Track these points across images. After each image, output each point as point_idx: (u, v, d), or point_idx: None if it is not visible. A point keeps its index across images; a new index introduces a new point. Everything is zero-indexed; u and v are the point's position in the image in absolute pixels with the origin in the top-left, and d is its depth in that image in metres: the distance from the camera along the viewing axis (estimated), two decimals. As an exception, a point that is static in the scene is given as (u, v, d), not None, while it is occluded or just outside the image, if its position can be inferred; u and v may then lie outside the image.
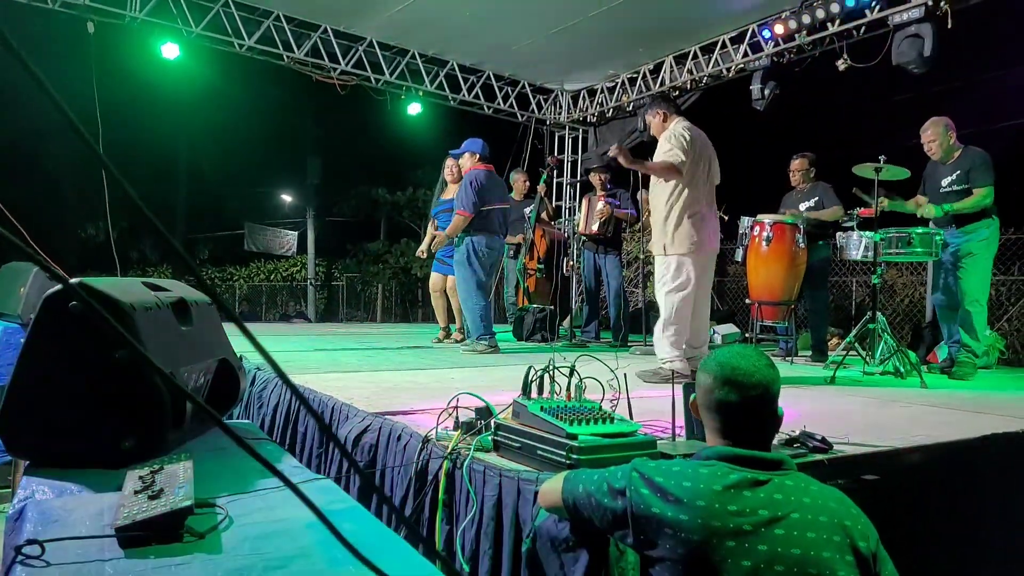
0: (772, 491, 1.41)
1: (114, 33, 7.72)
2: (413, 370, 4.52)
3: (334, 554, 1.38)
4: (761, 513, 1.37)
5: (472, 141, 5.67)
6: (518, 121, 10.18)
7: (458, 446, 2.26)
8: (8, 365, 5.75)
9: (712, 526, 1.37)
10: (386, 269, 18.75)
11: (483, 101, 9.65)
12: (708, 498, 1.39)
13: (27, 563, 1.22)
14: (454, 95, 9.38)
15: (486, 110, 9.76)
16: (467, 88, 9.42)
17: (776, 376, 1.56)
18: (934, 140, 4.90)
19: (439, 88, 9.25)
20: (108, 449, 1.83)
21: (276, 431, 3.53)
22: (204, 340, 2.39)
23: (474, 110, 9.72)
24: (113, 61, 9.41)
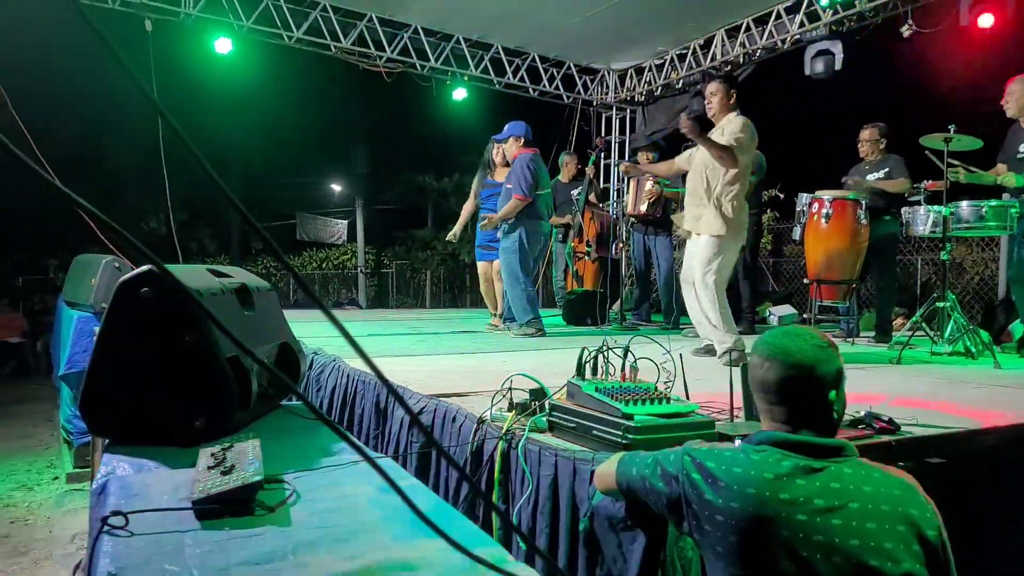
0: (828, 479, 1.36)
1: (170, 30, 7.93)
2: (464, 354, 4.57)
3: (397, 529, 1.42)
4: (816, 502, 1.33)
5: (515, 124, 5.63)
6: (564, 103, 10.10)
7: (513, 427, 2.28)
8: (84, 352, 6.04)
9: (763, 515, 1.34)
10: (434, 255, 18.89)
11: (528, 84, 9.60)
12: (759, 486, 1.36)
13: (113, 533, 1.29)
14: (499, 79, 9.36)
15: (531, 93, 9.71)
16: (512, 71, 9.39)
17: (827, 357, 1.48)
18: (1012, 95, 4.62)
19: (484, 72, 9.24)
20: (181, 428, 1.91)
21: (334, 413, 3.62)
22: (266, 324, 2.47)
23: (519, 93, 9.69)
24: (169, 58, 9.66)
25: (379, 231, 20.65)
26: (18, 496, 5.98)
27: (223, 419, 1.94)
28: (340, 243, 21.10)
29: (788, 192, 9.58)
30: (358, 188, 19.96)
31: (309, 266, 20.89)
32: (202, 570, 1.18)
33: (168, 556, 1.23)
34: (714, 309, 3.95)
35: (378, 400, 3.20)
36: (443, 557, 1.28)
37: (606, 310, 6.50)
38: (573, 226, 6.80)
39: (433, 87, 9.04)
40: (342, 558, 1.26)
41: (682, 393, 2.25)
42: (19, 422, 8.58)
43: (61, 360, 6.68)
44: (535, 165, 5.38)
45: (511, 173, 5.42)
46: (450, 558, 1.28)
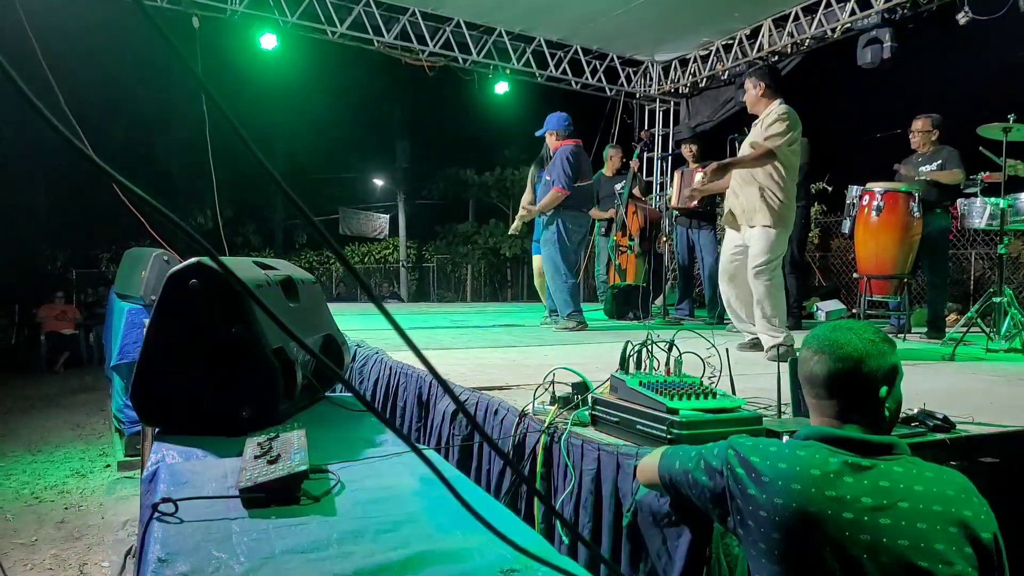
0: (877, 477, 1.33)
1: (216, 27, 8.08)
2: (505, 347, 4.57)
3: (440, 519, 1.42)
4: (864, 500, 1.30)
5: (552, 118, 5.59)
6: (607, 96, 10.02)
7: (555, 420, 2.26)
8: (134, 343, 6.20)
9: (809, 512, 1.30)
10: (475, 250, 18.96)
11: (571, 76, 9.54)
12: (804, 482, 1.33)
13: (163, 519, 1.32)
14: (541, 71, 9.33)
15: (574, 85, 9.65)
16: (554, 64, 9.34)
17: (878, 352, 1.43)
18: None
19: (526, 65, 9.21)
20: (228, 418, 1.94)
21: (376, 405, 3.65)
22: (310, 316, 2.50)
23: (561, 86, 9.64)
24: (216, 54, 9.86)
25: (421, 225, 20.82)
26: (72, 483, 6.17)
27: (269, 409, 1.96)
28: (382, 237, 21.31)
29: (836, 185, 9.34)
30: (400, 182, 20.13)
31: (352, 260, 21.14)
32: (249, 557, 1.20)
33: (216, 543, 1.25)
34: (770, 301, 3.89)
35: (420, 392, 3.22)
36: (488, 548, 1.28)
37: (649, 304, 6.43)
38: (616, 220, 6.74)
39: (475, 81, 9.06)
40: (387, 548, 1.26)
41: (728, 388, 2.21)
42: (73, 411, 8.87)
43: (113, 351, 6.88)
44: (575, 157, 5.34)
45: (551, 165, 5.40)
46: (495, 549, 1.28)
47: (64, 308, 13.11)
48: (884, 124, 6.56)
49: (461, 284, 19.09)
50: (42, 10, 7.25)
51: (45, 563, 4.59)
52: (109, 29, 9.96)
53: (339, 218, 20.90)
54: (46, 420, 8.40)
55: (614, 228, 6.80)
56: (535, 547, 1.24)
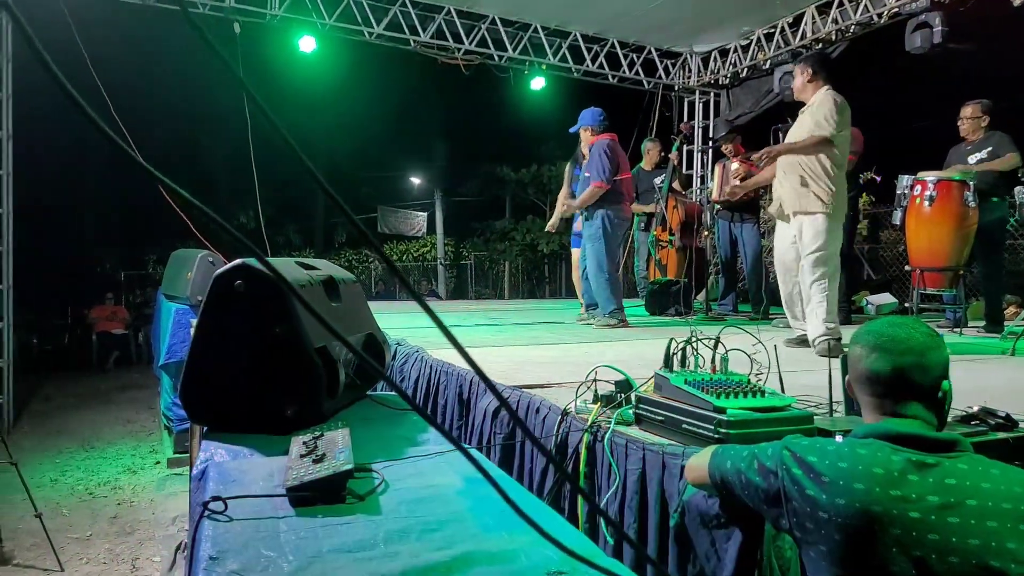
0: (942, 475, 1.29)
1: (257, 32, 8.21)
2: (545, 345, 4.55)
3: (485, 519, 1.41)
4: (930, 499, 1.26)
5: (586, 113, 5.53)
6: (644, 89, 9.91)
7: (598, 419, 2.24)
8: (181, 343, 6.33)
9: (873, 512, 1.27)
10: (513, 246, 18.96)
11: (607, 70, 9.47)
12: (867, 481, 1.29)
13: (213, 517, 1.33)
14: (577, 66, 9.27)
15: (611, 79, 9.57)
16: (591, 58, 9.28)
17: (936, 345, 1.42)
18: None
19: (562, 60, 9.17)
20: (273, 416, 1.96)
21: (417, 403, 3.65)
22: (352, 315, 2.51)
23: (598, 80, 9.57)
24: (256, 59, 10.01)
25: (458, 223, 20.90)
26: (124, 479, 6.34)
27: (313, 408, 1.98)
28: (420, 235, 21.45)
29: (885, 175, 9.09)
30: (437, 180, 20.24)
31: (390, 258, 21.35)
32: (297, 556, 1.20)
33: (265, 541, 1.26)
34: (820, 292, 3.81)
35: (461, 391, 3.21)
36: (535, 549, 1.27)
37: (691, 300, 6.35)
38: (656, 214, 6.66)
39: (511, 77, 9.05)
40: (433, 548, 1.26)
41: (777, 386, 2.16)
42: (124, 409, 9.12)
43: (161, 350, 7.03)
44: (611, 151, 5.29)
45: (589, 160, 5.35)
46: (542, 550, 1.26)
47: (114, 309, 13.48)
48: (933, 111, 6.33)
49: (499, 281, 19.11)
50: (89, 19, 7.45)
51: (99, 557, 4.72)
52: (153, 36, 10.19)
53: (377, 217, 21.09)
54: (99, 417, 8.65)
55: (654, 223, 6.72)
56: (581, 548, 1.22)
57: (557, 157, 17.04)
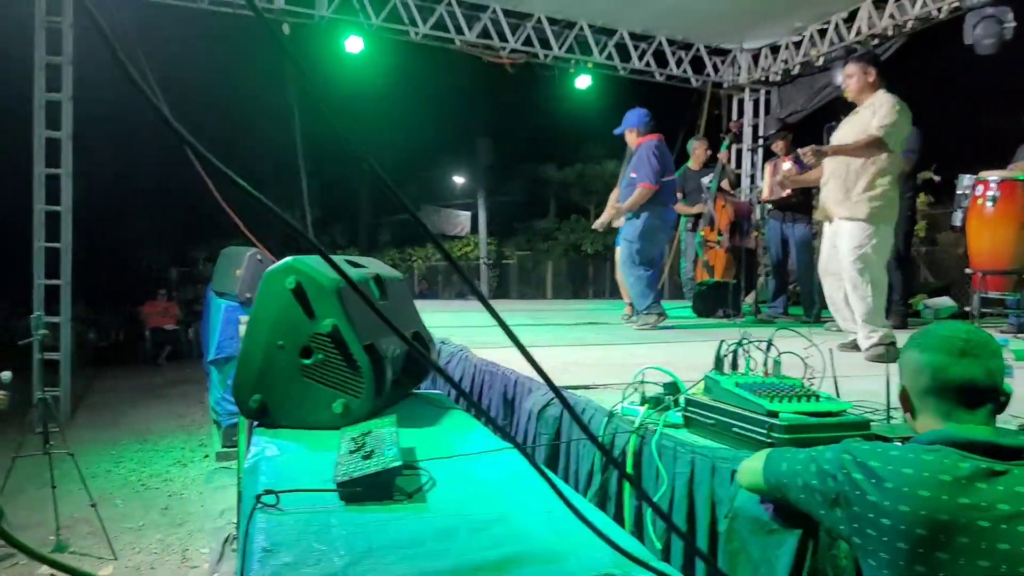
0: (1012, 483, 1.24)
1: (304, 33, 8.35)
2: (590, 346, 4.51)
3: (533, 519, 1.40)
4: (1001, 508, 1.22)
5: (631, 115, 5.47)
6: (692, 87, 9.79)
7: (646, 421, 2.20)
8: (231, 339, 6.45)
9: (939, 520, 1.23)
10: (556, 246, 18.90)
11: (654, 68, 9.38)
12: (934, 488, 1.25)
13: (266, 510, 1.35)
14: (624, 64, 9.20)
15: (658, 77, 9.48)
16: (637, 56, 9.20)
17: (996, 351, 1.40)
18: None
19: (608, 59, 9.11)
20: (321, 412, 1.98)
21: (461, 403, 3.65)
22: (398, 313, 2.52)
23: (644, 78, 9.48)
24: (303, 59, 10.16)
25: (501, 222, 20.91)
26: (175, 472, 6.50)
27: (360, 405, 1.99)
28: (463, 235, 21.54)
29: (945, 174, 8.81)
30: (480, 180, 20.28)
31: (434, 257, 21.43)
32: (348, 550, 1.21)
33: (316, 535, 1.27)
34: (862, 299, 3.71)
35: (506, 390, 3.21)
36: (585, 551, 1.25)
37: (739, 302, 6.23)
38: (704, 214, 6.55)
39: (556, 76, 9.02)
40: (482, 546, 1.25)
41: (831, 391, 2.10)
42: (175, 403, 9.36)
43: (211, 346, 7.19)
44: (659, 151, 5.23)
45: (635, 162, 5.29)
46: (592, 552, 1.25)
47: (166, 305, 13.85)
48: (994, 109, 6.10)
49: (542, 281, 19.08)
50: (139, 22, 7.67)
51: (151, 547, 4.84)
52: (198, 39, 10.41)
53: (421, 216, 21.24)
54: (151, 411, 8.89)
55: (701, 223, 6.61)
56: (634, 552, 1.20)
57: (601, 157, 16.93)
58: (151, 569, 4.51)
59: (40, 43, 7.56)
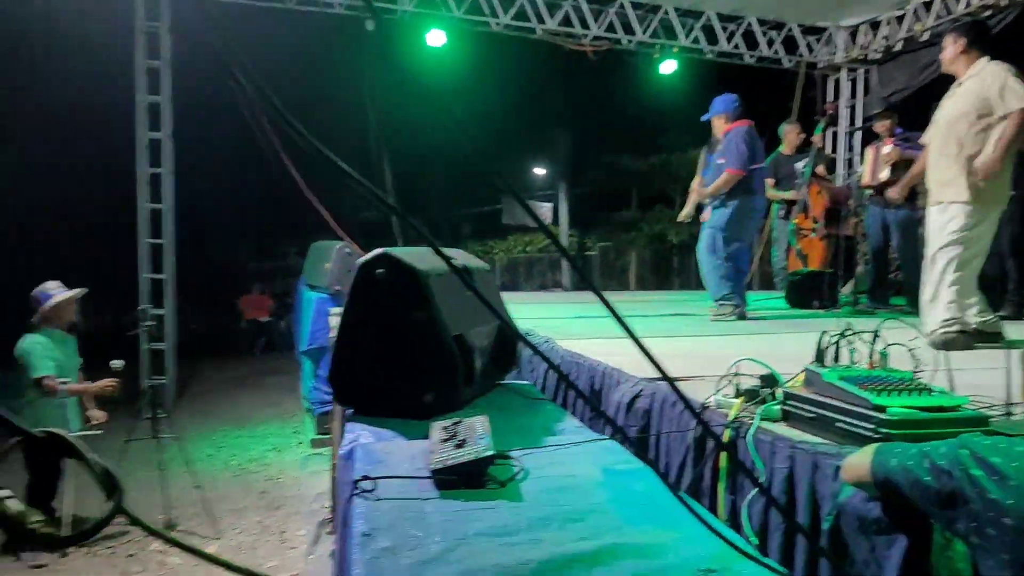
0: None
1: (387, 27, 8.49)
2: (677, 337, 4.42)
3: (628, 512, 1.37)
4: None
5: (719, 101, 5.29)
6: (784, 67, 9.41)
7: (740, 415, 2.13)
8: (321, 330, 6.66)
9: None
10: (640, 237, 18.61)
11: (744, 50, 9.07)
12: None
13: (363, 496, 1.38)
14: (711, 47, 8.94)
15: (747, 59, 9.16)
16: (726, 38, 8.92)
17: None
18: None
19: (694, 42, 8.86)
20: (413, 402, 2.01)
21: (547, 395, 3.65)
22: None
23: (733, 61, 9.19)
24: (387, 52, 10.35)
25: (582, 213, 20.76)
26: (271, 457, 6.78)
27: (450, 395, 2.01)
28: (545, 226, 21.50)
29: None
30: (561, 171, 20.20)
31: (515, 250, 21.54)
32: (444, 537, 1.22)
33: (412, 521, 1.29)
34: (943, 283, 3.49)
35: (592, 382, 3.17)
36: (683, 545, 1.22)
37: (836, 292, 5.95)
38: (798, 201, 6.29)
39: (639, 62, 8.86)
40: (576, 537, 1.24)
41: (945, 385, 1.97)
42: (271, 392, 9.77)
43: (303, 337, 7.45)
44: (750, 138, 5.05)
45: (724, 147, 5.13)
46: (690, 546, 1.22)
47: (261, 298, 14.46)
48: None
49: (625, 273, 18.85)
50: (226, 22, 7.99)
51: (251, 528, 5.07)
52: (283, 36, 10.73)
53: (502, 208, 21.34)
54: (249, 399, 9.31)
55: (795, 210, 6.35)
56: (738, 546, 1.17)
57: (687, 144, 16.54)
58: (252, 549, 4.72)
59: (140, 48, 7.98)
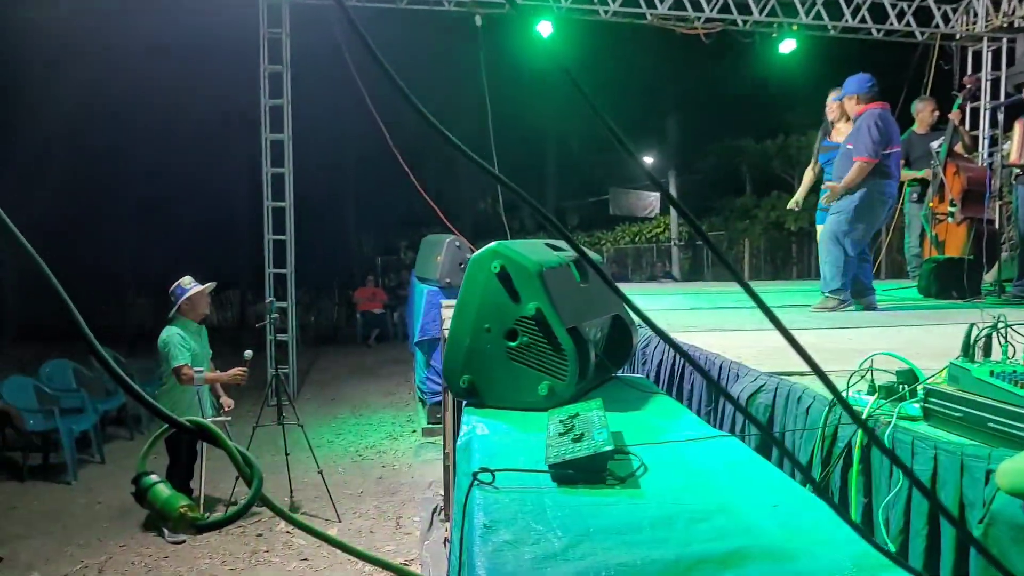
0: None
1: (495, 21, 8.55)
2: (801, 329, 4.20)
3: (756, 513, 1.31)
4: None
5: (852, 81, 4.96)
6: (916, 40, 8.76)
7: (875, 413, 2.00)
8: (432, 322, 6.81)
9: None
10: (755, 224, 17.91)
11: (871, 24, 8.50)
12: None
13: (482, 487, 1.38)
14: (834, 23, 8.44)
15: (875, 34, 8.60)
16: (851, 12, 8.39)
17: None
18: None
19: (816, 18, 8.40)
20: (527, 394, 2.00)
21: (661, 387, 3.57)
22: (599, 296, 2.48)
23: (860, 36, 8.64)
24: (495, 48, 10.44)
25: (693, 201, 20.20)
26: (387, 444, 7.01)
27: (565, 387, 1.99)
28: (653, 216, 21.11)
29: None
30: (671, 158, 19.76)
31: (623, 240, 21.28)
32: (566, 532, 1.20)
33: (532, 515, 1.27)
34: None
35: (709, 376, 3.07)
36: (820, 550, 1.15)
37: (978, 281, 5.47)
38: (932, 183, 5.83)
39: (756, 43, 8.50)
40: (703, 538, 1.19)
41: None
42: (385, 381, 10.10)
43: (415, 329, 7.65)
44: (883, 122, 4.71)
45: (853, 132, 4.82)
46: (829, 552, 1.15)
47: (374, 290, 14.97)
48: None
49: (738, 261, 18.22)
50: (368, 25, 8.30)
51: (369, 513, 5.26)
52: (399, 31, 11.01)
53: (609, 198, 21.11)
54: (365, 388, 9.67)
55: (929, 193, 5.89)
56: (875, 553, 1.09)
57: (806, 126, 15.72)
58: (370, 533, 4.89)
59: (263, 53, 8.41)
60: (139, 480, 0.84)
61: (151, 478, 0.85)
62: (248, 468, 0.87)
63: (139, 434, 7.38)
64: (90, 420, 6.50)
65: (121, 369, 0.76)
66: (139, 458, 0.88)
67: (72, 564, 4.43)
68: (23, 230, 0.73)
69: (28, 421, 6.12)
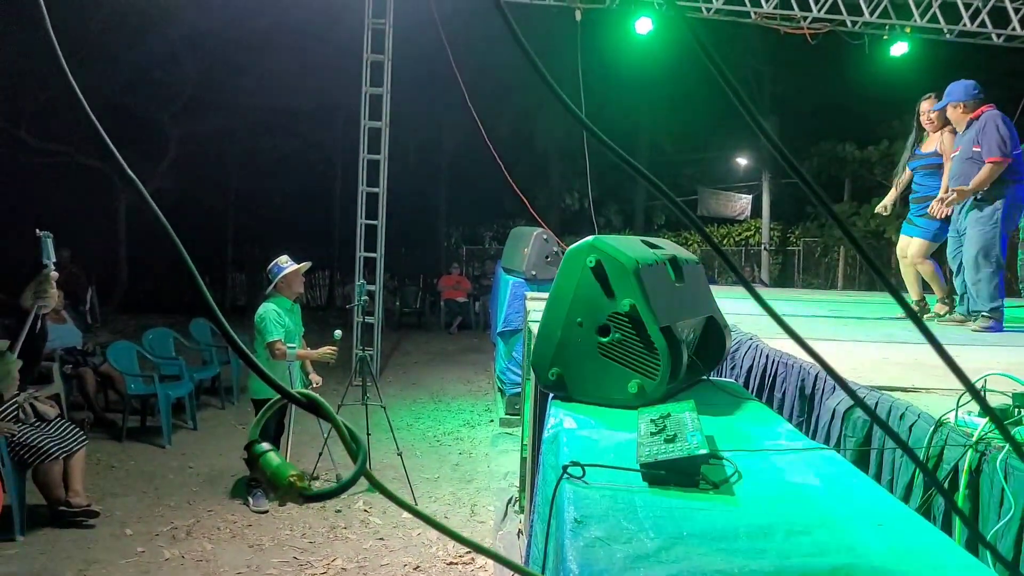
0: None
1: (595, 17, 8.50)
2: (902, 343, 4.00)
3: (859, 530, 1.26)
4: None
5: (956, 87, 4.66)
6: (1040, 47, 8.21)
7: (987, 435, 1.88)
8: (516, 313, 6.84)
9: None
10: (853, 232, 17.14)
11: (990, 28, 7.99)
12: None
13: (572, 481, 1.37)
14: (951, 26, 7.98)
15: (995, 39, 8.08)
16: (969, 15, 7.90)
17: None
18: None
19: (931, 21, 7.95)
20: (616, 391, 1.98)
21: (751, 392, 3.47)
22: (695, 297, 2.44)
23: (978, 41, 8.14)
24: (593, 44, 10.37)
25: (787, 206, 19.54)
26: (464, 432, 7.09)
27: (655, 387, 1.96)
28: (743, 219, 20.53)
29: None
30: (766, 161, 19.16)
31: (710, 242, 20.80)
32: (658, 533, 1.18)
33: (623, 513, 1.26)
34: None
35: (803, 385, 2.97)
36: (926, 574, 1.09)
37: None
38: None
39: (865, 45, 8.11)
40: (804, 552, 1.15)
41: None
42: (465, 369, 10.22)
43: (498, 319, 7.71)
44: (1006, 122, 4.44)
45: (980, 135, 4.52)
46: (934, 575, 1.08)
47: (458, 279, 15.16)
48: None
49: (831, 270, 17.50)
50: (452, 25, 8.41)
51: (444, 498, 5.34)
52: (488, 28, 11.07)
53: (697, 199, 20.67)
54: (445, 374, 9.81)
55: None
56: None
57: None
58: (444, 518, 4.96)
59: (367, 42, 8.63)
60: (251, 447, 0.87)
61: (263, 446, 0.88)
62: (354, 444, 0.89)
63: (230, 404, 7.72)
64: (186, 388, 6.84)
65: (216, 341, 0.79)
66: (251, 426, 0.91)
67: (163, 524, 4.67)
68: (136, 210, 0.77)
69: (130, 385, 6.50)
